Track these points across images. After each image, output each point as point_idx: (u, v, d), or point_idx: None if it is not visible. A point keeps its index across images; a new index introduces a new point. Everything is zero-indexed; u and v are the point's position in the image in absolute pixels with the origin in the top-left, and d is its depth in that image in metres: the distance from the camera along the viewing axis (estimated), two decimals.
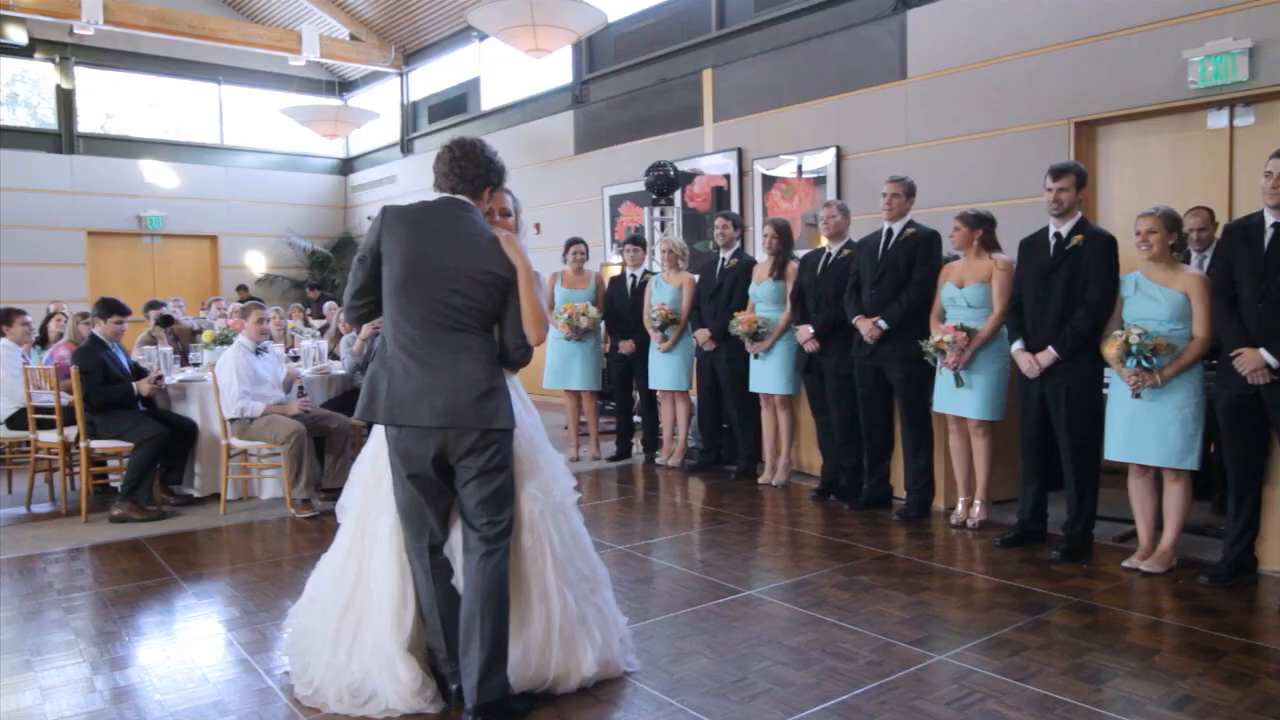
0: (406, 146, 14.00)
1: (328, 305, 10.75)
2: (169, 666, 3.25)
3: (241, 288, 13.43)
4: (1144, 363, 3.90)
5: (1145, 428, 3.99)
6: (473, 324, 2.65)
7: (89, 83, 13.46)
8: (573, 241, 6.87)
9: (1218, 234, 4.91)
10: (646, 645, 3.26)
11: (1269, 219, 3.65)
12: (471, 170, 2.77)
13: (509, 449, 2.73)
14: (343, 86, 15.37)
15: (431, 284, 2.62)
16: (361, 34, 13.51)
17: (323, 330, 7.09)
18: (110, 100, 13.79)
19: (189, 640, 3.52)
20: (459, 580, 2.76)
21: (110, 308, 5.60)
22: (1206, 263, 4.74)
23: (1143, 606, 3.65)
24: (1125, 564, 4.08)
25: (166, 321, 7.95)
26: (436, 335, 2.63)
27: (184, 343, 7.91)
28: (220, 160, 14.38)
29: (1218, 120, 5.82)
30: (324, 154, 15.23)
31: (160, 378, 5.71)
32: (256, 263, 14.63)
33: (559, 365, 6.82)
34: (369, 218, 15.07)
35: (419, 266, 2.62)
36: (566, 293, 6.78)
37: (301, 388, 6.08)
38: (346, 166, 15.57)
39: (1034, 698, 2.81)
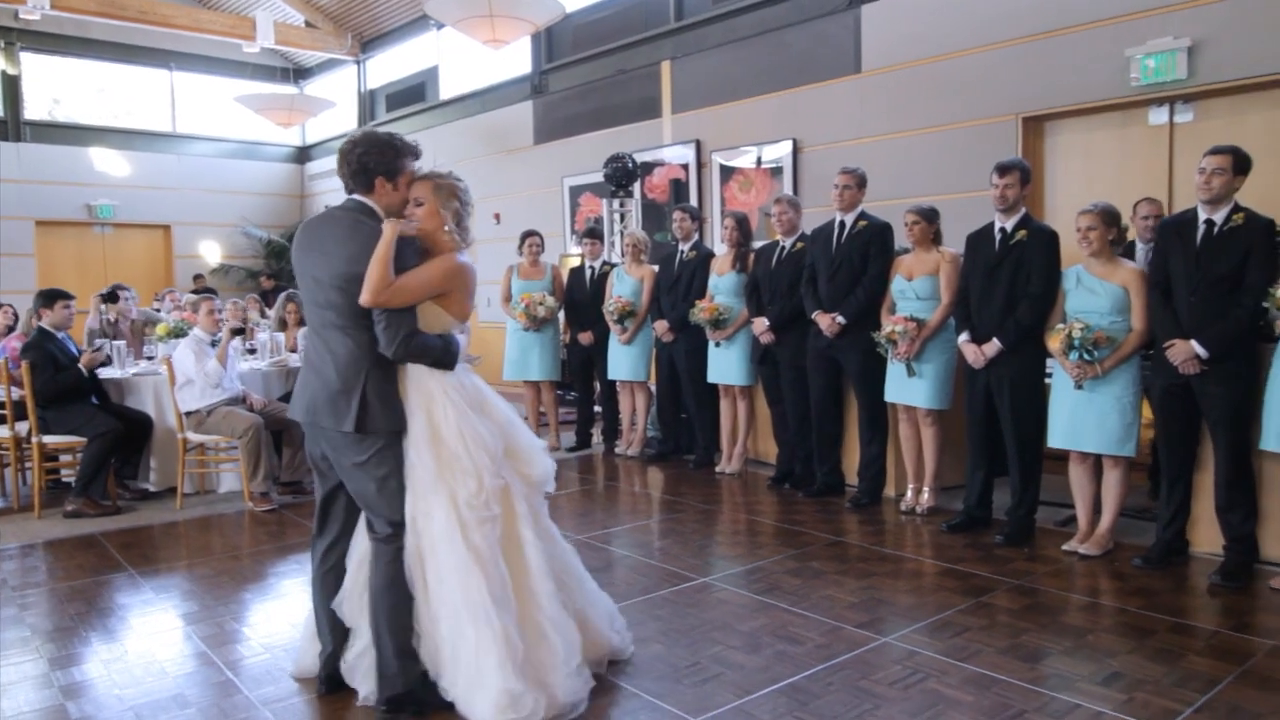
0: None
1: (280, 296, 10.64)
2: (127, 661, 3.26)
3: (198, 277, 13.23)
4: (1085, 355, 4.05)
5: (1086, 417, 4.14)
6: (346, 324, 2.67)
7: (36, 69, 13.13)
8: (528, 234, 6.91)
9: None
10: None
11: (1202, 215, 3.81)
12: (351, 167, 2.74)
13: (377, 452, 2.67)
14: (298, 74, 15.15)
15: (308, 292, 2.77)
16: (317, 21, 13.34)
17: (283, 323, 7.03)
18: (57, 87, 13.48)
19: (147, 635, 3.53)
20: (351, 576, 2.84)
21: (53, 295, 5.53)
22: (1149, 255, 4.88)
23: (1080, 588, 3.80)
24: (1065, 547, 4.24)
25: (112, 298, 7.66)
26: (317, 336, 2.79)
27: (135, 336, 7.77)
28: (173, 148, 14.11)
29: (1158, 116, 5.99)
30: (279, 142, 15.02)
31: (99, 349, 5.65)
32: (211, 253, 14.40)
33: (518, 356, 6.86)
34: (326, 206, 14.91)
35: (301, 278, 2.80)
36: (523, 284, 6.82)
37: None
38: (303, 155, 15.37)
39: (973, 676, 2.94)
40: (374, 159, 2.72)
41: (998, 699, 2.78)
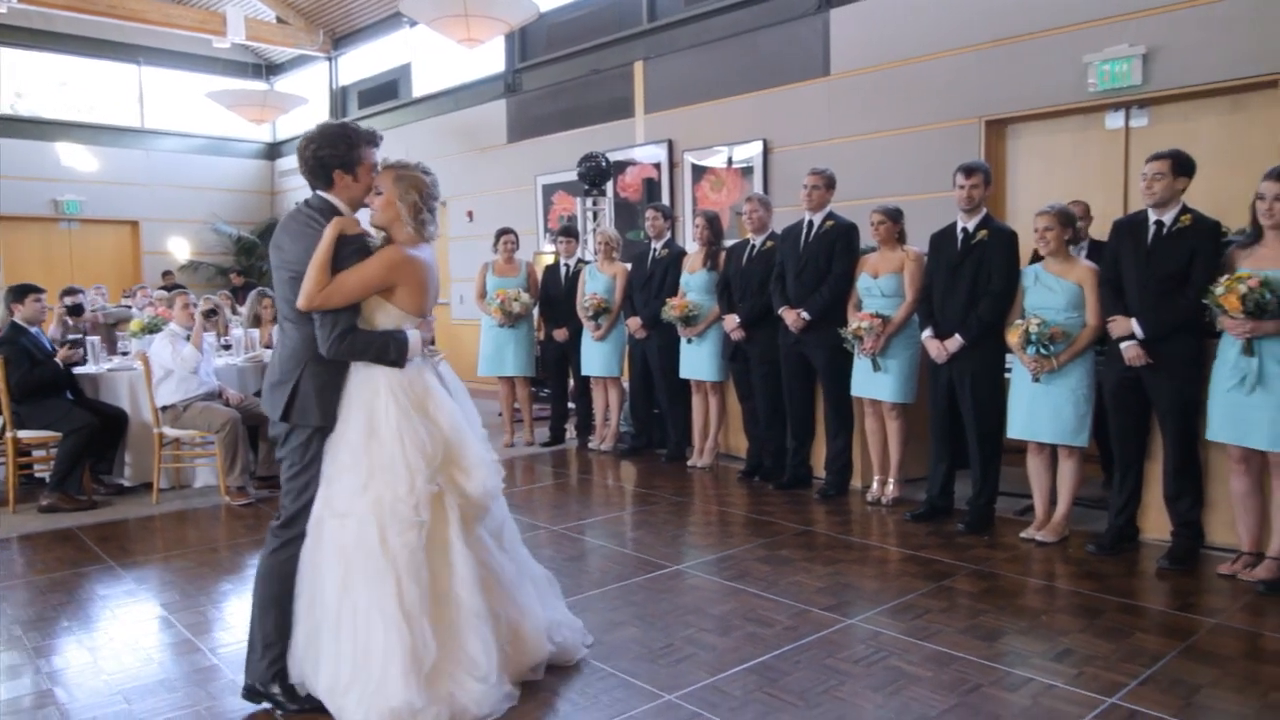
0: None
1: (251, 293, 10.63)
2: (113, 648, 3.32)
3: (167, 273, 13.14)
4: (1043, 349, 4.22)
5: (1043, 409, 4.31)
6: (293, 317, 2.71)
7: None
8: (503, 231, 6.99)
9: (1091, 227, 5.28)
10: (581, 616, 3.42)
11: (1151, 216, 3.99)
12: (308, 164, 2.73)
13: (300, 445, 2.72)
14: (269, 70, 15.09)
15: (275, 285, 2.82)
16: (289, 17, 13.29)
17: (256, 319, 7.05)
18: (20, 81, 13.32)
19: (130, 623, 3.59)
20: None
21: (23, 290, 5.53)
22: (1084, 254, 5.03)
23: (1036, 572, 3.97)
24: (1023, 535, 4.41)
25: (76, 311, 7.69)
26: (279, 327, 2.84)
27: (104, 338, 7.72)
28: (141, 144, 14.00)
29: (1115, 121, 6.20)
30: (249, 138, 14.93)
31: (78, 343, 5.67)
32: (180, 249, 14.30)
33: (492, 352, 6.94)
34: (297, 203, 14.85)
35: (272, 271, 2.83)
36: (498, 281, 6.91)
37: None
38: (273, 151, 15.30)
39: (933, 654, 3.08)
40: (328, 152, 2.69)
41: (956, 674, 2.93)
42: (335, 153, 2.69)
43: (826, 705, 2.74)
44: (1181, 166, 3.91)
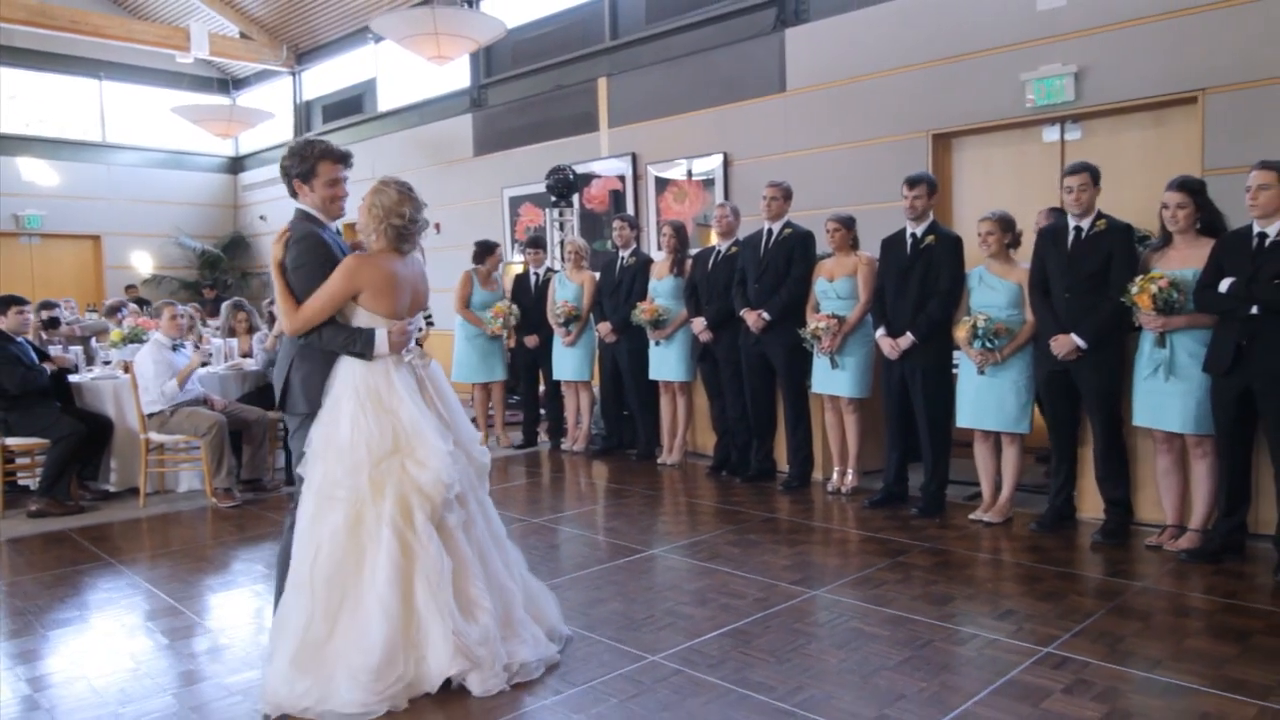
0: None
1: (225, 305, 10.75)
2: (118, 639, 3.51)
3: (130, 288, 13.16)
4: (988, 344, 4.59)
5: (988, 399, 4.68)
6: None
7: None
8: (494, 246, 7.33)
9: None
10: (564, 595, 3.70)
11: (1071, 223, 4.38)
12: (283, 177, 3.07)
13: (297, 428, 3.02)
14: (232, 84, 15.18)
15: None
16: (252, 32, 13.43)
17: (231, 331, 7.20)
18: None
19: (134, 614, 3.77)
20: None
21: (7, 301, 5.65)
22: None
23: (983, 548, 4.33)
24: (971, 516, 4.77)
25: (53, 324, 7.82)
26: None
27: (84, 348, 7.84)
28: (102, 158, 14.01)
29: (1051, 135, 6.65)
30: (211, 153, 14.99)
31: (66, 353, 5.84)
32: (143, 263, 14.31)
33: (476, 361, 7.20)
34: (261, 217, 14.97)
35: None
36: (486, 294, 7.21)
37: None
38: (236, 165, 15.37)
39: (890, 617, 3.41)
40: (289, 164, 3.02)
41: (910, 633, 3.25)
42: (294, 165, 3.02)
43: (795, 660, 3.04)
44: (1096, 177, 4.32)
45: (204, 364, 6.69)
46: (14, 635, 3.51)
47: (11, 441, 5.53)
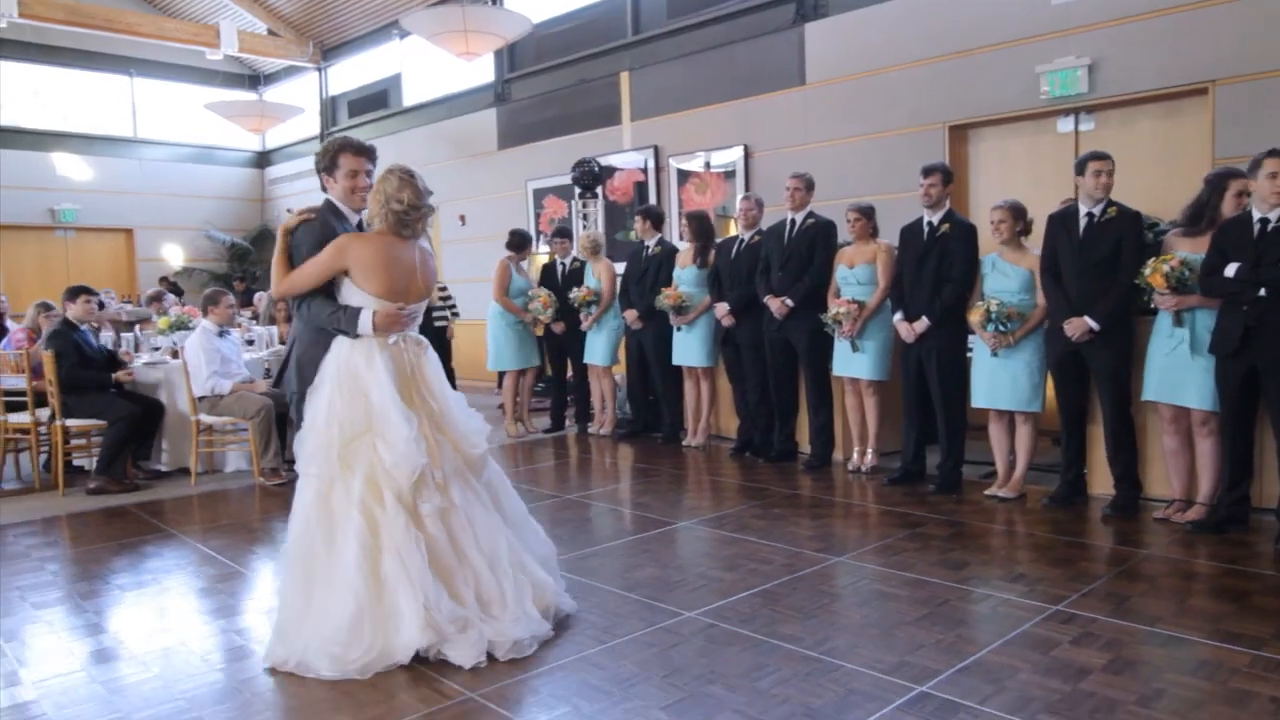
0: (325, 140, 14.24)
1: (256, 296, 11.08)
2: (197, 599, 3.79)
3: (164, 279, 13.50)
4: (1000, 327, 4.80)
5: (1001, 380, 4.89)
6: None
7: None
8: (530, 238, 7.63)
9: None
10: (601, 564, 3.96)
11: (1083, 209, 4.58)
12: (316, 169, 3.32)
13: (297, 404, 3.22)
14: (259, 80, 15.48)
15: None
16: (280, 29, 13.71)
17: (271, 319, 7.50)
18: (13, 93, 13.59)
19: (206, 579, 4.05)
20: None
21: (78, 290, 5.97)
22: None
23: (997, 521, 4.55)
24: (986, 492, 4.99)
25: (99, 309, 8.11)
26: None
27: (119, 332, 8.15)
28: (134, 153, 14.35)
29: (1065, 126, 6.83)
30: (239, 147, 15.32)
31: (126, 368, 6.15)
32: (174, 255, 14.66)
33: (516, 348, 7.42)
34: (288, 210, 15.20)
35: None
36: (523, 282, 7.47)
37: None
38: (263, 160, 15.69)
39: (909, 580, 3.64)
40: (318, 159, 3.28)
41: (928, 593, 3.48)
42: (319, 159, 3.28)
43: (821, 616, 3.28)
44: (1113, 166, 4.50)
45: (249, 343, 7.00)
46: (88, 596, 3.79)
47: (71, 422, 5.82)
